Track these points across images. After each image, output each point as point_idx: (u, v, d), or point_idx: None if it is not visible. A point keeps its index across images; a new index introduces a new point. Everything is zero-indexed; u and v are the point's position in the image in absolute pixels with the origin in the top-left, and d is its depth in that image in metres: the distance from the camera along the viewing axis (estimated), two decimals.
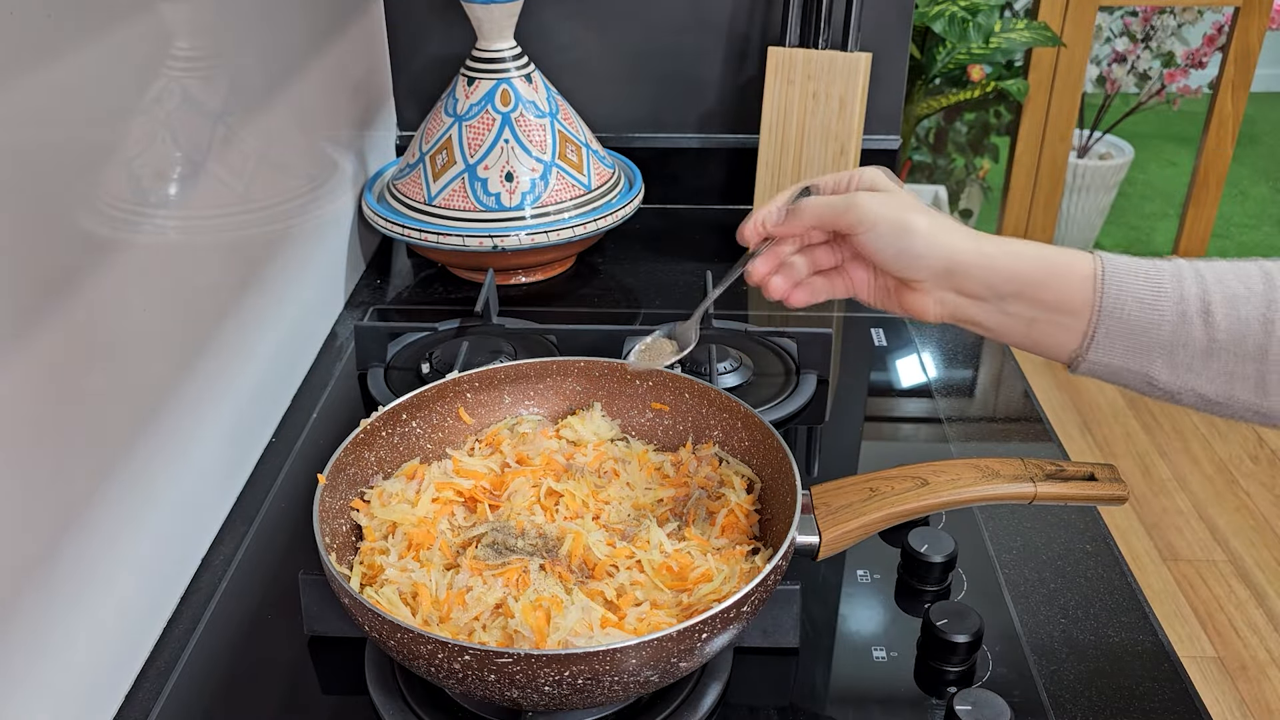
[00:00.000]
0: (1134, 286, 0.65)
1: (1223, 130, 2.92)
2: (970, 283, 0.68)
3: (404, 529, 0.78)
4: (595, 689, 0.64)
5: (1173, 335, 0.64)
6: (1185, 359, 0.65)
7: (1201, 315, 0.64)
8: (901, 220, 0.69)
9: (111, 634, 0.75)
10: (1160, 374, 0.65)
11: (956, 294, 0.69)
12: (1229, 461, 2.60)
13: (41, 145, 0.66)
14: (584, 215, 1.25)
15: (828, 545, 0.74)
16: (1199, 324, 0.64)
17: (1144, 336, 0.65)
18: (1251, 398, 0.64)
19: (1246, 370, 0.63)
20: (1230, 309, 0.63)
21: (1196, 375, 0.65)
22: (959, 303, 0.70)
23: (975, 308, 0.70)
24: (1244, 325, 0.63)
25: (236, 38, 0.95)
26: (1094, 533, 0.91)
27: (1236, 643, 2.10)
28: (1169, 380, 0.66)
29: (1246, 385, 0.64)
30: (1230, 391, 0.65)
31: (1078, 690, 0.76)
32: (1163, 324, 0.64)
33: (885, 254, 0.69)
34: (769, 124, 1.34)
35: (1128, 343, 0.66)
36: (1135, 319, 0.65)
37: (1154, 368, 0.65)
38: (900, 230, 0.69)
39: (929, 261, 0.69)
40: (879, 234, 0.69)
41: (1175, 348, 0.64)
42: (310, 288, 1.17)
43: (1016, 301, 0.68)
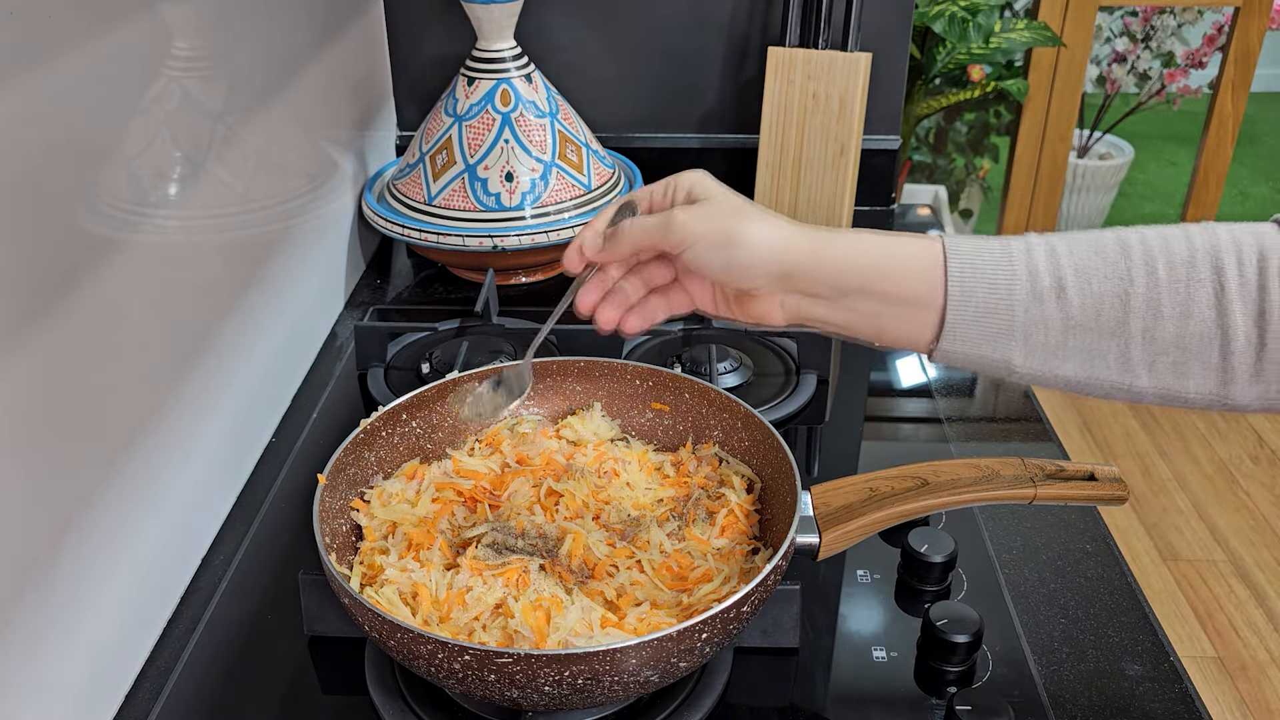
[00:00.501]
0: (982, 269, 0.62)
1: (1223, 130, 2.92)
2: (808, 282, 0.65)
3: (404, 529, 0.78)
4: (595, 689, 0.64)
5: (1026, 317, 0.61)
6: (1042, 340, 0.61)
7: (1055, 292, 0.60)
8: (724, 231, 0.64)
9: (111, 634, 0.75)
10: (1018, 358, 0.62)
11: (798, 295, 0.66)
12: (1229, 461, 2.60)
13: (41, 145, 0.66)
14: (584, 215, 1.25)
15: (828, 545, 0.74)
16: (1053, 302, 0.60)
17: (997, 320, 0.62)
18: (1115, 376, 0.61)
19: (1106, 347, 0.60)
20: (1084, 284, 0.60)
21: (1055, 356, 0.62)
22: (801, 303, 0.66)
23: (819, 307, 0.66)
24: (1100, 300, 0.60)
25: (236, 38, 0.95)
26: (1094, 533, 0.91)
27: (1236, 643, 2.10)
28: (1028, 364, 0.62)
29: (1108, 363, 0.61)
30: (1092, 371, 0.62)
31: (1078, 690, 0.76)
32: (1015, 306, 0.61)
33: (714, 268, 0.65)
34: (769, 124, 1.34)
35: (982, 328, 0.62)
36: (986, 303, 0.62)
37: (1011, 352, 0.62)
38: (724, 242, 0.64)
39: (761, 269, 0.64)
40: (702, 249, 0.65)
41: (1030, 329, 0.61)
42: (310, 288, 1.17)
43: (859, 297, 0.64)
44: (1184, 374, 0.61)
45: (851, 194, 1.34)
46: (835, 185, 1.33)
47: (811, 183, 1.34)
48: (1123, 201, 3.67)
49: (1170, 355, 0.60)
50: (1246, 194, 3.91)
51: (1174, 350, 0.60)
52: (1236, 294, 0.59)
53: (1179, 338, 0.60)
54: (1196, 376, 0.60)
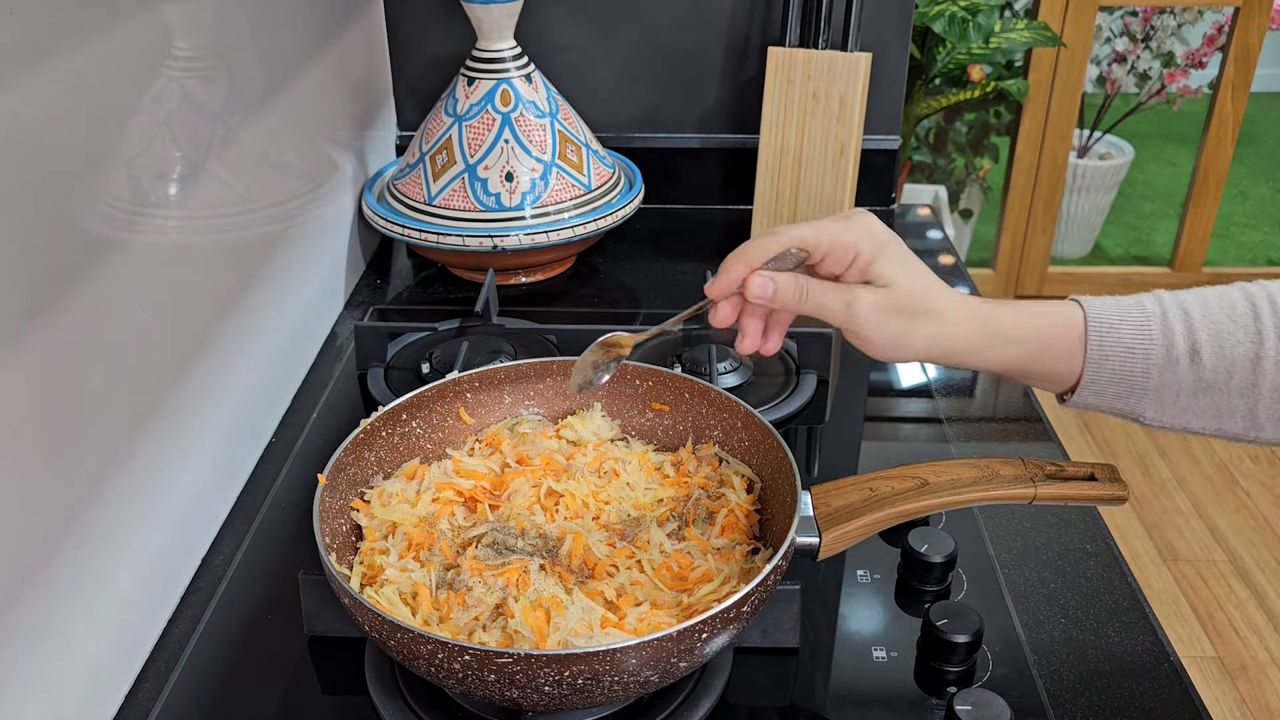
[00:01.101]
0: (1120, 334, 0.64)
1: (1223, 130, 2.92)
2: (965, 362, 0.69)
3: (404, 529, 0.78)
4: (595, 689, 0.64)
5: (1160, 379, 0.64)
6: (1173, 399, 0.64)
7: (1189, 357, 0.63)
8: (901, 333, 0.67)
9: (111, 634, 0.75)
10: (1149, 413, 0.65)
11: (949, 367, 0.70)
12: (1229, 461, 2.60)
13: (41, 145, 0.66)
14: (584, 215, 1.25)
15: (828, 545, 0.74)
16: (1186, 366, 0.63)
17: (1132, 381, 0.65)
18: (1241, 430, 0.64)
19: (1235, 405, 0.63)
20: (1217, 347, 0.62)
21: (1185, 413, 0.64)
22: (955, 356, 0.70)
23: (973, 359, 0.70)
24: (1231, 363, 0.62)
25: (236, 38, 0.95)
26: (1094, 533, 0.91)
27: (1236, 643, 2.10)
28: (1157, 417, 0.66)
29: (1235, 419, 0.63)
30: (1219, 425, 0.64)
31: (1078, 690, 0.76)
32: (1150, 370, 0.64)
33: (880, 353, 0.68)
34: (769, 124, 1.34)
35: (1116, 389, 0.65)
36: (1122, 367, 0.64)
37: (1143, 408, 0.65)
38: (899, 342, 0.67)
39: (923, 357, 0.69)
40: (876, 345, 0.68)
41: (1163, 389, 0.64)
42: (310, 288, 1.17)
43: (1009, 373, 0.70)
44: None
45: (851, 194, 1.34)
46: (835, 185, 1.33)
47: (811, 183, 1.34)
48: (1123, 201, 3.67)
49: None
50: (1246, 194, 3.91)
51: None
52: None
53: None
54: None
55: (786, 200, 1.36)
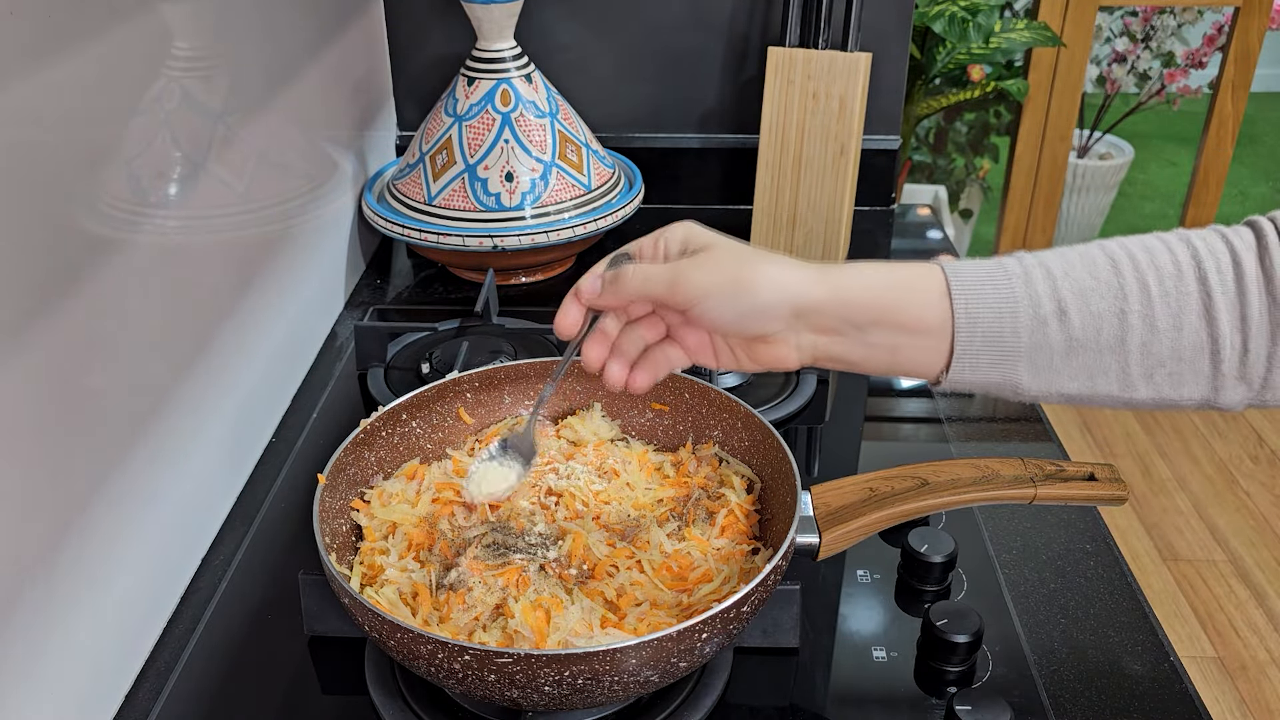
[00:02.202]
0: (986, 296, 0.63)
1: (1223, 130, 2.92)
2: (826, 319, 0.64)
3: (404, 529, 0.78)
4: (595, 689, 0.64)
5: (1031, 340, 0.62)
6: (1046, 361, 0.62)
7: (1057, 316, 0.62)
8: (735, 280, 0.63)
9: (111, 634, 0.75)
10: (1025, 380, 0.63)
11: (814, 334, 0.65)
12: (1229, 461, 2.60)
13: (41, 145, 0.66)
14: (584, 215, 1.25)
15: (828, 545, 0.74)
16: (1055, 325, 0.62)
17: (1003, 345, 0.63)
18: (1115, 390, 0.63)
19: (1107, 363, 0.62)
20: (1083, 303, 0.61)
21: (1059, 375, 0.63)
22: (818, 342, 0.65)
23: (836, 344, 0.65)
24: (1099, 319, 0.61)
25: (236, 38, 0.95)
26: (1094, 533, 0.91)
27: (1236, 643, 2.10)
28: (1034, 384, 0.63)
29: (1109, 379, 0.62)
30: (1093, 387, 0.63)
31: (1078, 690, 0.76)
32: (1019, 330, 0.62)
33: (727, 318, 0.64)
34: (769, 124, 1.34)
35: (990, 354, 0.63)
36: (991, 329, 0.62)
37: (1018, 374, 0.63)
38: (737, 290, 0.63)
39: (777, 311, 0.64)
40: (715, 301, 0.63)
41: (1035, 351, 0.62)
42: (310, 288, 1.17)
43: (876, 330, 0.64)
44: (1179, 383, 0.62)
45: (851, 194, 1.34)
46: (835, 185, 1.33)
47: (811, 183, 1.34)
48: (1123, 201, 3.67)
49: (1167, 367, 0.61)
50: (1246, 194, 3.91)
51: (1170, 362, 0.61)
52: (1222, 303, 0.60)
53: (1174, 349, 0.61)
54: (1190, 385, 0.62)
55: (786, 200, 1.36)
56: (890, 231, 1.48)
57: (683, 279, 0.64)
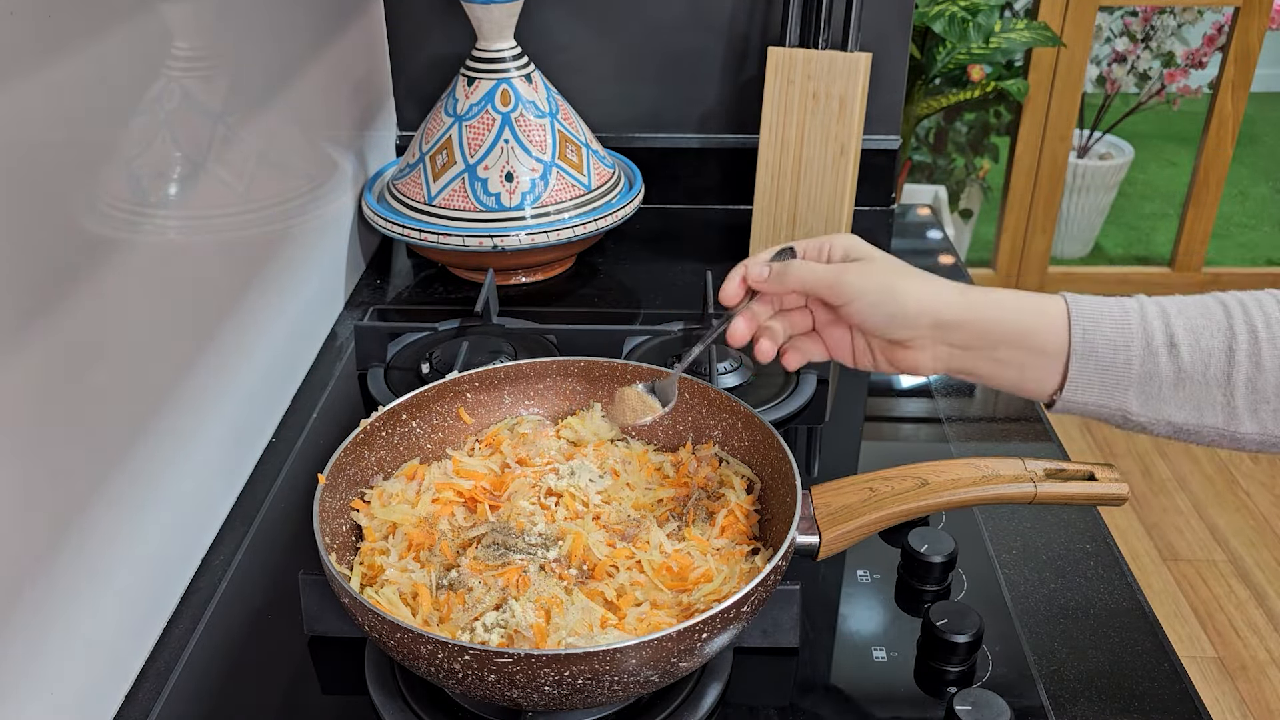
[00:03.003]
0: (1102, 326, 0.68)
1: (1223, 130, 2.92)
2: (962, 334, 0.71)
3: (404, 529, 0.78)
4: (595, 689, 0.64)
5: (1142, 370, 0.68)
6: (1155, 390, 0.68)
7: (1167, 348, 0.67)
8: (888, 287, 0.71)
9: (112, 633, 0.75)
10: (1134, 407, 0.69)
11: (949, 346, 0.71)
12: (1229, 461, 2.60)
13: (41, 145, 0.66)
14: (584, 215, 1.25)
15: (828, 545, 0.74)
16: (1165, 356, 0.67)
17: (1115, 373, 0.68)
18: (1220, 422, 0.67)
19: (1214, 397, 0.67)
20: (1193, 339, 0.67)
21: (1167, 404, 0.68)
22: (952, 354, 0.72)
23: (967, 358, 0.72)
24: (1207, 355, 0.67)
25: (236, 38, 0.95)
26: (1094, 533, 0.91)
27: (1236, 643, 2.10)
28: (1142, 412, 0.69)
29: (1215, 411, 0.67)
30: (1200, 418, 0.68)
31: (1078, 690, 0.76)
32: (1131, 360, 0.68)
33: (875, 320, 0.71)
34: (769, 124, 1.34)
35: (1101, 380, 0.69)
36: (1105, 357, 0.68)
37: (1128, 401, 0.69)
38: (888, 296, 0.70)
39: (920, 320, 0.70)
40: (867, 303, 0.71)
41: (1146, 381, 0.68)
42: (310, 288, 1.17)
43: (1006, 349, 0.70)
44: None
45: (851, 194, 1.34)
46: (835, 185, 1.33)
47: (811, 183, 1.34)
48: (1123, 201, 3.67)
49: (1272, 404, 0.66)
50: (1246, 194, 3.91)
51: (1275, 399, 0.66)
52: None
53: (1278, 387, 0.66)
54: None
55: (786, 200, 1.36)
56: (890, 231, 1.48)
57: (843, 279, 0.72)
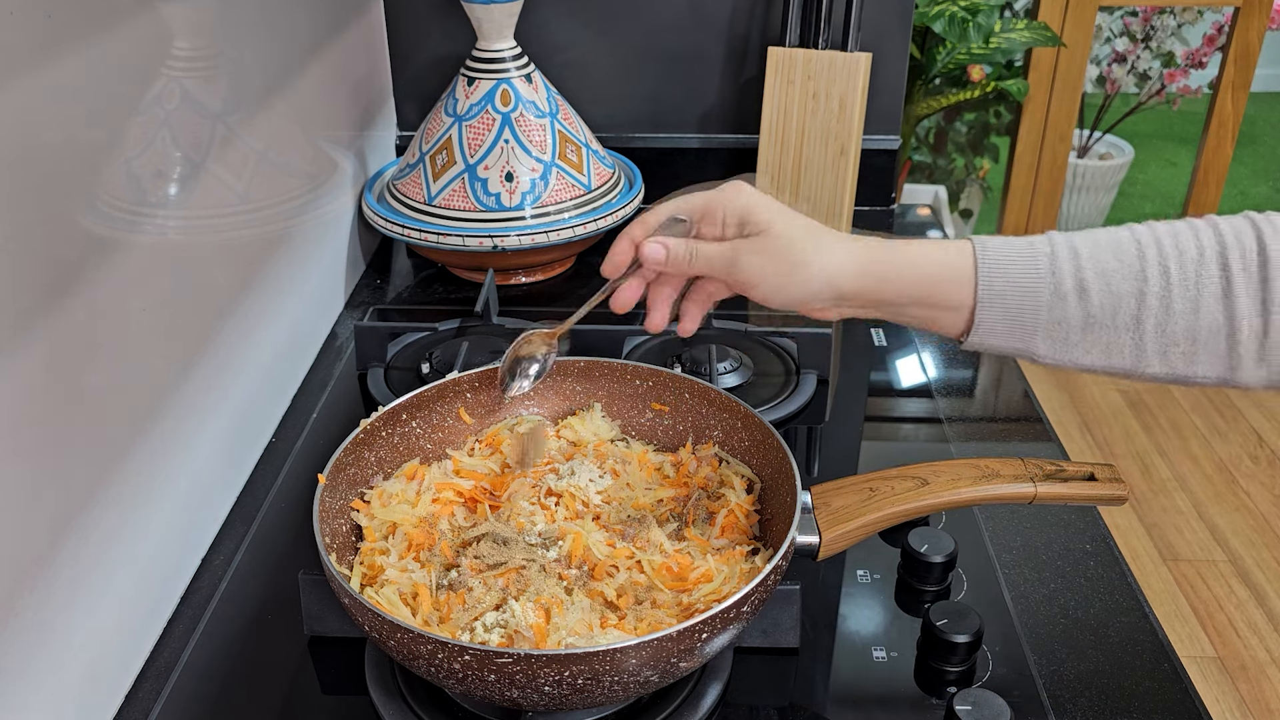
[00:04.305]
0: (1010, 272, 0.67)
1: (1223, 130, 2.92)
2: (867, 300, 0.71)
3: (404, 529, 0.78)
4: (595, 689, 0.64)
5: (1050, 315, 0.66)
6: (1063, 335, 0.67)
7: (1077, 293, 0.66)
8: (787, 269, 0.70)
9: (111, 634, 0.75)
10: (1041, 349, 0.68)
11: (855, 307, 0.72)
12: (1229, 461, 2.60)
13: (41, 145, 0.66)
14: (584, 215, 1.25)
15: (828, 545, 0.74)
16: (1074, 301, 0.66)
17: (1023, 319, 0.67)
18: (1130, 364, 0.66)
19: (1123, 340, 0.66)
20: (1104, 284, 0.65)
21: (1075, 348, 0.67)
22: (859, 312, 0.72)
23: (876, 313, 0.72)
24: (1117, 299, 0.65)
25: (236, 38, 0.95)
26: (1094, 533, 0.91)
27: (1236, 643, 2.10)
28: (1050, 354, 0.68)
29: (1123, 354, 0.66)
30: (1108, 360, 0.67)
31: (1078, 690, 0.76)
32: (1040, 307, 0.67)
33: (778, 301, 0.71)
34: (769, 124, 1.34)
35: (1008, 325, 0.68)
36: (1012, 302, 0.67)
37: (1035, 345, 0.68)
38: (788, 280, 0.70)
39: (823, 296, 0.70)
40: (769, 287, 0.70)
41: (1053, 325, 0.67)
42: (310, 288, 1.17)
43: (915, 307, 0.70)
44: (1193, 361, 0.65)
45: (851, 194, 1.34)
46: (835, 185, 1.33)
47: (811, 183, 1.34)
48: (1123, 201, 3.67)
49: (1181, 346, 0.64)
50: (1246, 194, 3.91)
51: (1184, 342, 0.64)
52: (1242, 287, 0.63)
53: (1189, 331, 0.64)
54: (1204, 363, 0.65)
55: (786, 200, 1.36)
56: (890, 231, 1.48)
57: (740, 263, 0.70)
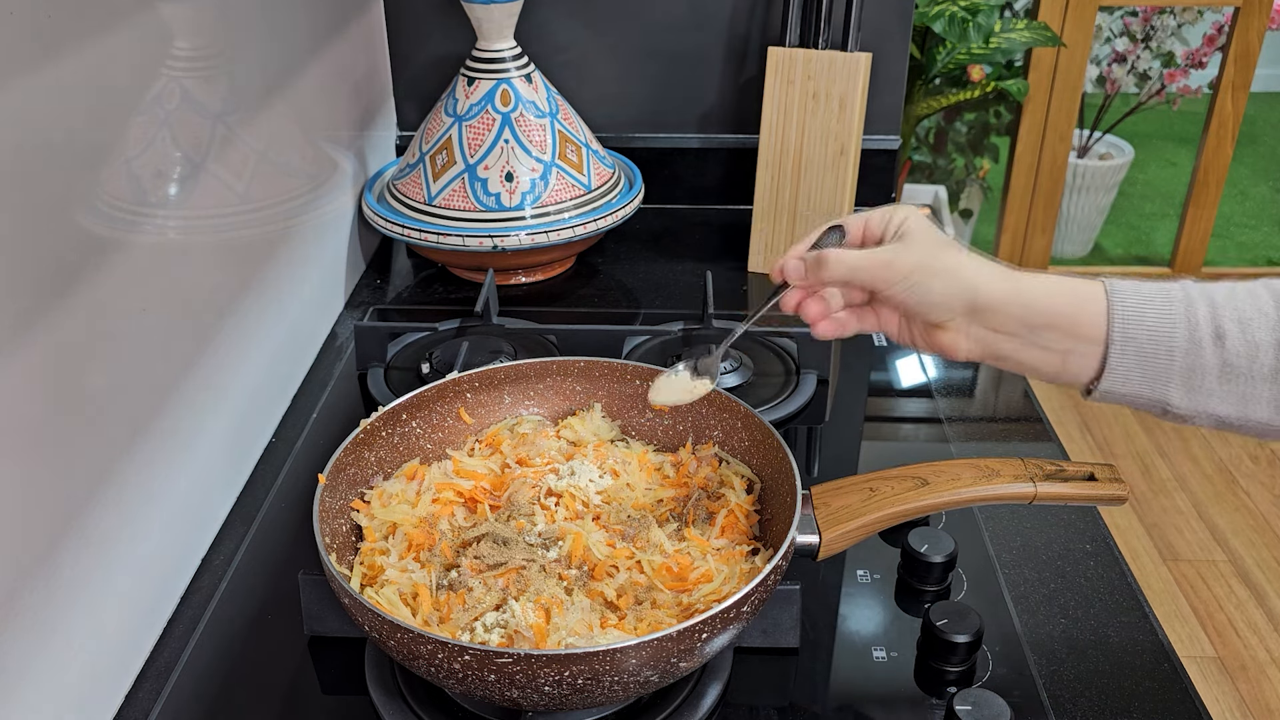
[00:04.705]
0: (1144, 312, 0.65)
1: (1223, 130, 2.92)
2: (999, 318, 0.68)
3: (404, 529, 0.78)
4: (595, 689, 0.64)
5: (1186, 360, 0.64)
6: (1199, 383, 0.64)
7: (1214, 339, 0.63)
8: (924, 267, 0.68)
9: (111, 634, 0.75)
10: (1176, 399, 0.65)
11: (986, 330, 0.68)
12: (1229, 461, 2.60)
13: (41, 145, 0.66)
14: (584, 215, 1.25)
15: (828, 545, 0.74)
16: (1211, 347, 0.64)
17: (1158, 363, 0.65)
18: (1267, 417, 0.64)
19: (1261, 392, 0.63)
20: (1242, 331, 0.63)
21: (1210, 397, 0.64)
22: (989, 338, 0.69)
23: (1007, 343, 0.68)
24: (1256, 347, 0.63)
25: (236, 38, 0.95)
26: (1094, 533, 0.91)
27: (1236, 643, 2.10)
28: (1184, 404, 0.65)
29: (1260, 405, 0.64)
30: (1245, 412, 0.64)
31: (1078, 690, 0.76)
32: (1175, 351, 0.64)
33: (910, 302, 0.69)
34: (769, 124, 1.34)
35: (1142, 370, 0.65)
36: (1148, 346, 0.65)
37: (1170, 393, 0.65)
38: (924, 278, 0.68)
39: (953, 301, 0.68)
40: (902, 287, 0.68)
41: (1190, 373, 0.64)
42: (310, 288, 1.17)
43: (1049, 333, 0.67)
44: None
45: (851, 194, 1.34)
46: (835, 185, 1.33)
47: (811, 183, 1.34)
48: (1123, 201, 3.67)
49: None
50: (1246, 194, 3.91)
51: None
52: None
53: None
54: None
55: (786, 200, 1.36)
56: None
57: (876, 263, 0.69)
